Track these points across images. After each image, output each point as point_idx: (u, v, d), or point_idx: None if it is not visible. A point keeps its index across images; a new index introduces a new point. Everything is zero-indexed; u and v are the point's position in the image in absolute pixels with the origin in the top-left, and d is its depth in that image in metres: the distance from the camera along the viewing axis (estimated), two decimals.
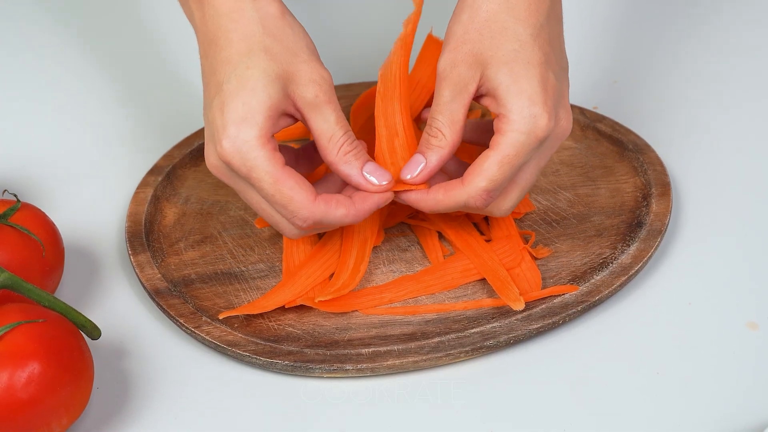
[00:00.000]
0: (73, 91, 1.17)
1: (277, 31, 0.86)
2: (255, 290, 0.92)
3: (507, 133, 0.85)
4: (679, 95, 1.11)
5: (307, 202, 0.84)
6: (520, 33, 0.87)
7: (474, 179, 0.86)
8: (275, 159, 0.84)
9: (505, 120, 0.85)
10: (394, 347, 0.86)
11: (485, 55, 0.86)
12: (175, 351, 0.89)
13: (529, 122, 0.84)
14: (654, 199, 0.96)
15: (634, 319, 0.89)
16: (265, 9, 0.87)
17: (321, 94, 0.86)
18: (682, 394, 0.83)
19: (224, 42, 0.87)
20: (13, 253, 0.87)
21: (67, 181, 1.06)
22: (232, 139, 0.84)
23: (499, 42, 0.86)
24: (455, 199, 0.87)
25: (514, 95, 0.85)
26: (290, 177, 0.84)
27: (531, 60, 0.86)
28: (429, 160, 0.87)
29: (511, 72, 0.85)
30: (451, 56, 0.87)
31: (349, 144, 0.87)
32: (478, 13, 0.87)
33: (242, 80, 0.85)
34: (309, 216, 0.85)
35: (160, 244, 0.96)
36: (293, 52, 0.86)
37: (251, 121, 0.84)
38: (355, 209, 0.86)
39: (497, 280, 0.90)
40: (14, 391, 0.76)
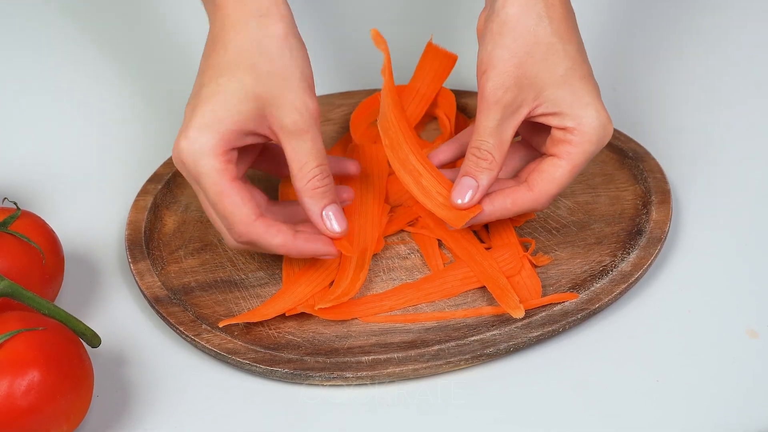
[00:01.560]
0: (73, 98, 1.17)
1: (272, 52, 0.86)
2: (255, 298, 0.92)
3: (580, 144, 0.89)
4: (679, 103, 1.11)
5: (244, 221, 0.86)
6: (569, 51, 0.89)
7: (546, 187, 0.89)
8: (225, 171, 0.85)
9: (577, 132, 0.88)
10: (393, 355, 0.86)
11: (541, 76, 0.88)
12: (175, 359, 0.89)
13: (600, 132, 0.89)
14: (654, 206, 0.96)
15: (634, 327, 0.89)
16: (268, 28, 0.87)
17: (300, 122, 0.86)
18: (682, 402, 0.83)
19: (220, 48, 0.87)
20: (13, 261, 0.87)
21: (66, 189, 1.06)
22: (190, 142, 0.85)
23: (551, 63, 0.88)
24: (524, 206, 0.90)
25: (580, 109, 0.88)
26: (235, 193, 0.85)
27: (584, 75, 0.90)
28: (481, 182, 0.89)
29: (571, 89, 0.88)
30: (501, 80, 0.88)
31: (320, 180, 0.87)
32: (524, 36, 0.88)
33: (219, 89, 0.86)
34: (244, 234, 0.86)
35: (160, 252, 0.96)
36: (283, 75, 0.86)
37: (212, 129, 0.85)
38: (293, 245, 0.87)
39: (497, 287, 0.90)
40: (14, 399, 0.76)
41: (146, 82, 1.18)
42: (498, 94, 0.88)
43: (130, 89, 1.17)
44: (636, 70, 1.15)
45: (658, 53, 1.17)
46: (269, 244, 0.87)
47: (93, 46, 1.22)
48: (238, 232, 0.86)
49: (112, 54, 1.21)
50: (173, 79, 1.18)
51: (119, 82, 1.18)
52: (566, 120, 0.88)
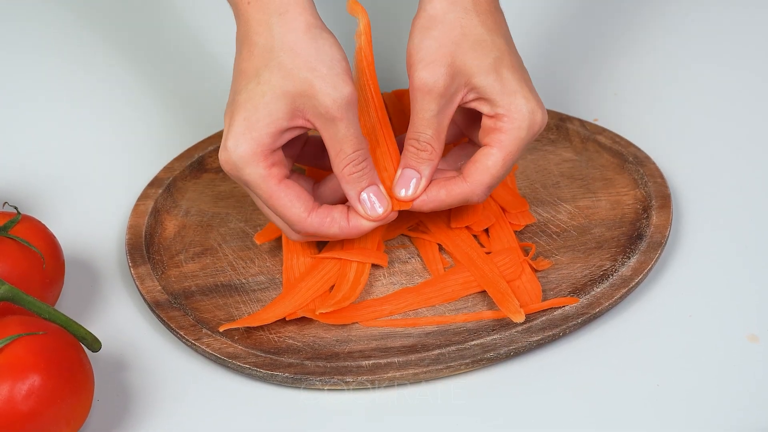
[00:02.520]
0: (74, 102, 1.17)
1: (296, 46, 0.87)
2: (255, 302, 0.92)
3: (510, 131, 0.88)
4: (679, 107, 1.11)
5: (298, 220, 0.88)
6: (497, 42, 0.89)
7: (479, 176, 0.89)
8: (270, 176, 0.87)
9: (506, 119, 0.88)
10: (394, 359, 0.86)
11: (470, 65, 0.88)
12: (176, 363, 0.89)
13: (528, 118, 0.88)
14: (654, 211, 0.96)
15: (635, 332, 0.89)
16: (289, 23, 0.87)
17: (333, 108, 0.86)
18: (682, 406, 0.83)
19: (247, 53, 0.88)
20: (14, 265, 0.87)
21: (67, 193, 1.06)
22: (230, 152, 0.86)
23: (480, 53, 0.88)
24: (458, 197, 0.89)
25: (508, 95, 0.88)
26: (284, 195, 0.87)
27: (513, 65, 0.89)
28: (423, 173, 0.89)
29: (500, 78, 0.88)
30: (432, 69, 0.88)
31: (355, 165, 0.88)
32: (452, 28, 0.89)
33: (250, 95, 0.86)
34: (302, 230, 0.88)
35: (160, 256, 0.96)
36: (310, 66, 0.86)
37: (247, 137, 0.86)
38: (349, 229, 0.89)
39: (497, 292, 0.90)
40: (15, 404, 0.76)
41: (147, 86, 1.18)
42: (429, 84, 0.88)
43: (130, 93, 1.17)
44: (637, 75, 1.16)
45: (659, 58, 1.17)
46: (328, 233, 0.89)
47: (94, 51, 1.22)
48: (297, 229, 0.88)
49: (113, 58, 1.21)
50: (174, 83, 1.18)
51: (119, 86, 1.18)
52: (495, 107, 0.88)
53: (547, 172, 1.03)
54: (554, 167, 1.03)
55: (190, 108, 1.14)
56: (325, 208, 0.89)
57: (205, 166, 1.06)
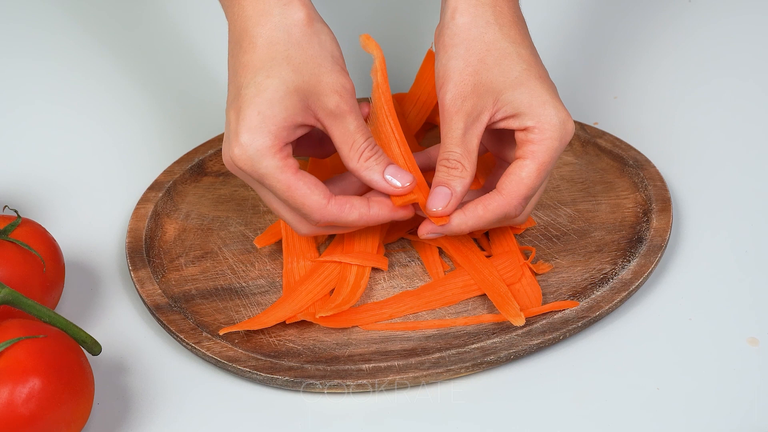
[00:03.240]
0: (74, 106, 1.17)
1: (302, 40, 0.87)
2: (255, 306, 0.92)
3: (542, 141, 0.88)
4: (679, 111, 1.11)
5: (318, 207, 0.86)
6: (522, 53, 0.89)
7: (514, 188, 0.88)
8: (287, 167, 0.86)
9: (537, 130, 0.88)
10: (394, 363, 0.86)
11: (496, 81, 0.88)
12: (176, 366, 0.89)
13: (560, 128, 0.88)
14: (654, 214, 0.96)
15: (635, 335, 0.89)
16: (292, 16, 0.87)
17: (342, 104, 0.86)
18: (682, 410, 0.83)
19: (248, 45, 0.87)
20: (14, 268, 0.87)
21: (67, 196, 1.06)
22: (245, 147, 0.85)
23: (506, 67, 0.88)
24: (497, 212, 0.89)
25: (539, 107, 0.88)
26: (302, 184, 0.86)
27: (540, 75, 0.89)
28: (455, 189, 0.88)
29: (528, 90, 0.88)
30: (459, 90, 0.88)
31: (370, 150, 0.88)
32: (476, 44, 0.89)
33: (260, 89, 0.85)
34: (321, 219, 0.87)
35: (160, 259, 0.96)
36: (317, 62, 0.87)
37: (264, 131, 0.85)
38: (369, 216, 0.88)
39: (498, 295, 0.90)
40: (15, 407, 0.76)
41: (147, 90, 1.18)
42: (458, 104, 0.88)
43: (130, 97, 1.17)
44: (637, 78, 1.16)
45: (659, 62, 1.18)
46: (347, 220, 0.88)
47: (93, 55, 1.22)
48: (316, 218, 0.87)
49: (113, 62, 1.21)
50: (175, 87, 1.18)
51: (120, 90, 1.18)
52: (526, 120, 0.88)
53: (546, 176, 1.02)
54: (554, 171, 1.03)
55: (190, 111, 1.14)
56: (343, 196, 0.88)
57: (205, 169, 1.06)
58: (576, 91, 1.14)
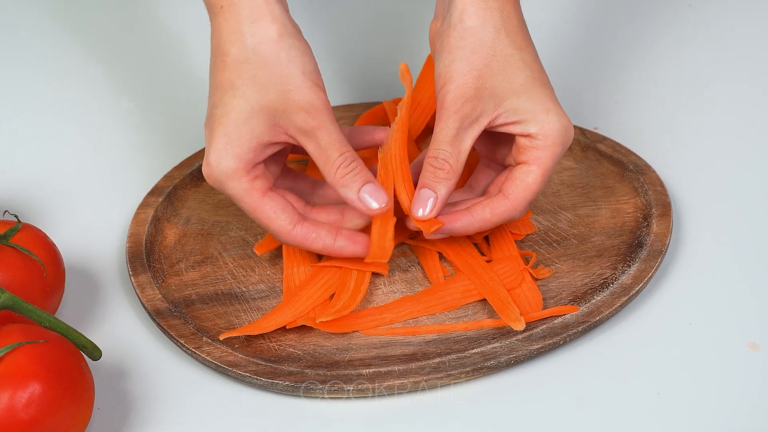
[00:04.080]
0: (74, 111, 1.17)
1: (269, 58, 0.87)
2: (256, 311, 0.92)
3: (547, 147, 0.89)
4: (680, 116, 1.11)
5: (284, 231, 0.89)
6: (527, 60, 0.90)
7: (521, 193, 0.90)
8: (253, 189, 0.87)
9: (542, 137, 0.89)
10: (394, 368, 0.86)
11: (500, 87, 0.89)
12: (176, 372, 0.89)
13: (562, 134, 0.89)
14: (654, 219, 0.96)
15: (635, 340, 0.89)
16: (260, 33, 0.87)
17: (310, 120, 0.87)
18: (683, 415, 0.83)
19: (221, 64, 0.88)
20: (14, 273, 0.87)
21: (67, 201, 1.06)
22: (212, 168, 0.87)
23: (511, 73, 0.89)
24: (502, 215, 0.90)
25: (542, 114, 0.89)
26: (268, 207, 0.88)
27: (544, 82, 0.90)
28: (439, 193, 0.89)
29: (531, 97, 0.89)
30: (461, 91, 0.88)
31: (346, 166, 0.88)
32: (482, 48, 0.89)
33: (227, 110, 0.87)
34: (286, 242, 0.89)
35: (160, 264, 0.96)
36: (284, 80, 0.87)
37: (230, 153, 0.87)
38: (333, 248, 0.90)
39: (498, 300, 0.90)
40: (15, 412, 0.76)
41: (147, 96, 1.18)
42: (457, 104, 0.88)
43: (130, 102, 1.17)
44: (637, 83, 1.16)
45: (659, 66, 1.18)
46: (311, 248, 0.90)
47: (93, 60, 1.22)
48: (281, 240, 0.89)
49: (112, 67, 1.21)
50: (174, 92, 1.18)
51: (120, 95, 1.18)
52: (529, 126, 0.89)
53: (547, 181, 1.02)
54: (554, 175, 1.03)
55: (190, 116, 1.14)
56: (311, 225, 0.89)
57: None
58: (576, 96, 1.14)
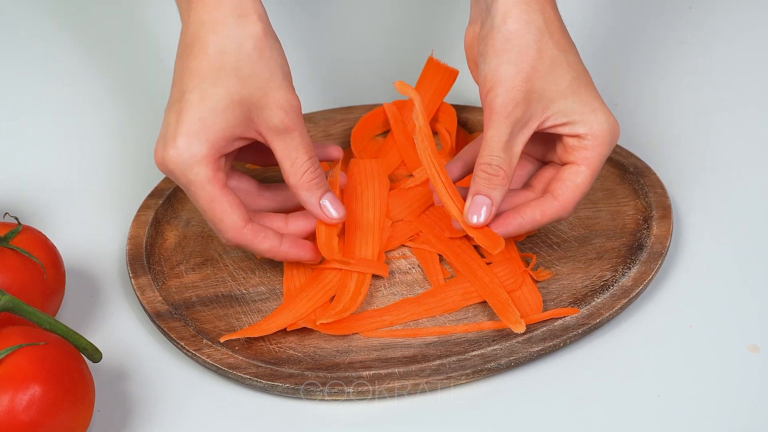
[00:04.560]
0: (75, 113, 1.17)
1: (253, 54, 0.87)
2: (256, 313, 0.92)
3: (595, 147, 0.90)
4: (679, 118, 1.11)
5: (234, 227, 0.88)
6: (571, 61, 0.90)
7: (571, 195, 0.90)
8: (215, 179, 0.87)
9: (591, 137, 0.89)
10: (394, 370, 0.86)
11: (548, 90, 0.89)
12: (176, 374, 0.89)
13: (610, 133, 0.90)
14: (655, 221, 0.96)
15: (635, 342, 0.89)
16: (247, 28, 0.88)
17: (287, 120, 0.87)
18: (683, 417, 0.83)
19: (199, 51, 0.88)
20: (14, 275, 0.87)
21: (67, 204, 1.06)
22: (180, 151, 0.86)
23: (558, 75, 0.89)
24: (552, 216, 0.90)
25: (590, 114, 0.89)
26: (225, 200, 0.87)
27: (587, 82, 0.91)
28: (494, 199, 0.89)
29: (578, 98, 0.89)
30: (511, 95, 0.88)
31: (312, 172, 0.89)
32: (528, 51, 0.89)
33: (205, 96, 0.86)
34: (233, 240, 0.89)
35: (160, 266, 0.96)
36: (265, 76, 0.87)
37: (202, 138, 0.86)
38: (279, 251, 0.90)
39: (498, 302, 0.90)
40: (15, 414, 0.76)
41: (148, 97, 1.18)
42: (508, 109, 0.88)
43: (131, 104, 1.17)
44: (637, 85, 1.16)
45: (660, 69, 1.18)
46: (257, 248, 0.89)
47: (93, 62, 1.22)
48: (227, 237, 0.88)
49: (112, 69, 1.21)
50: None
51: (120, 97, 1.18)
52: (578, 127, 0.89)
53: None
54: None
55: None
56: (260, 226, 0.89)
57: None
58: None
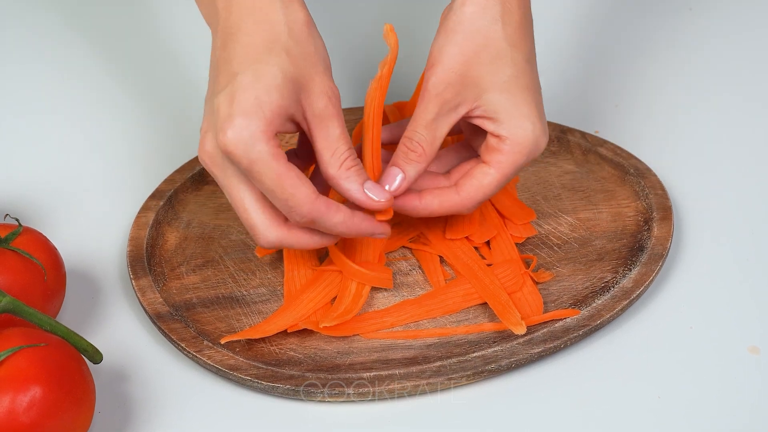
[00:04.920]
0: (75, 115, 1.17)
1: (301, 38, 0.86)
2: (256, 314, 0.92)
3: (511, 155, 0.88)
4: (680, 119, 1.11)
5: (308, 200, 0.83)
6: (517, 58, 0.89)
7: (473, 193, 0.89)
8: (279, 155, 0.83)
9: (509, 142, 0.88)
10: (395, 371, 0.86)
11: (484, 79, 0.88)
12: (177, 375, 0.89)
13: (532, 145, 0.88)
14: (655, 223, 0.96)
15: (636, 343, 0.89)
16: (294, 14, 0.87)
17: (330, 107, 0.86)
18: (684, 418, 0.83)
19: (245, 37, 0.86)
20: (15, 277, 0.87)
21: (68, 205, 1.06)
22: (238, 130, 0.82)
23: (497, 67, 0.88)
24: (450, 208, 0.90)
25: (516, 119, 0.88)
26: (293, 174, 0.83)
27: (528, 86, 0.89)
28: (407, 173, 0.89)
29: (511, 97, 0.88)
30: (445, 76, 0.88)
31: (352, 160, 0.87)
32: (475, 37, 0.89)
33: (259, 75, 0.84)
34: (308, 213, 0.84)
35: (161, 268, 0.96)
36: (312, 61, 0.86)
37: (260, 115, 0.83)
38: (352, 222, 0.86)
39: (498, 304, 0.90)
40: (16, 416, 0.76)
41: (148, 99, 1.18)
42: (439, 89, 0.88)
43: (131, 105, 1.17)
44: (638, 87, 1.16)
45: (660, 70, 1.18)
46: (331, 221, 0.85)
47: (94, 64, 1.22)
48: (302, 212, 0.84)
49: (114, 70, 1.21)
50: (176, 95, 1.18)
51: (120, 98, 1.18)
52: (501, 128, 0.89)
53: (549, 184, 1.03)
54: (555, 179, 1.03)
55: (191, 120, 1.14)
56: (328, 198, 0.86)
57: (207, 178, 1.06)
58: (577, 99, 1.14)
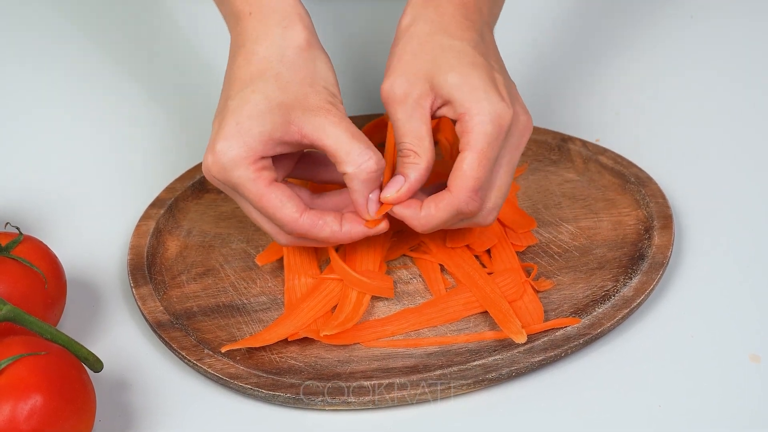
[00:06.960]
0: (76, 123, 1.17)
1: (295, 62, 0.88)
2: (257, 323, 0.92)
3: (474, 127, 0.86)
4: (681, 128, 1.11)
5: (290, 219, 0.87)
6: (457, 45, 0.89)
7: (459, 182, 0.87)
8: (259, 178, 0.86)
9: (467, 116, 0.87)
10: (396, 380, 0.86)
11: (425, 68, 0.89)
12: (177, 384, 0.89)
13: (490, 111, 0.86)
14: (656, 231, 0.96)
15: (637, 352, 0.89)
16: (291, 38, 0.89)
17: (331, 116, 0.86)
18: (684, 427, 0.83)
19: (243, 61, 0.89)
20: (16, 285, 0.87)
21: (69, 213, 1.06)
22: (218, 155, 0.86)
23: (439, 56, 0.89)
24: (448, 209, 0.87)
25: (468, 92, 0.87)
26: (274, 196, 0.86)
27: (475, 62, 0.88)
28: (408, 177, 0.88)
29: (460, 74, 0.88)
30: (391, 80, 0.89)
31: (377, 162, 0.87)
32: (411, 40, 0.90)
33: (244, 102, 0.87)
34: (292, 232, 0.88)
35: (162, 276, 0.96)
36: (308, 82, 0.87)
37: (239, 141, 0.86)
38: (341, 233, 0.88)
39: (499, 312, 0.90)
40: (17, 424, 0.76)
41: (149, 107, 1.18)
42: (391, 93, 0.88)
43: (132, 113, 1.17)
44: (638, 95, 1.16)
45: (661, 78, 1.18)
46: (318, 237, 0.88)
47: (96, 70, 1.22)
48: (288, 230, 0.88)
49: (116, 77, 1.21)
50: (177, 103, 1.18)
51: (122, 106, 1.18)
52: (457, 107, 0.87)
53: (549, 193, 1.03)
54: (556, 187, 1.03)
55: (192, 128, 1.14)
56: (317, 212, 0.88)
57: (207, 186, 1.06)
58: (577, 108, 1.14)
